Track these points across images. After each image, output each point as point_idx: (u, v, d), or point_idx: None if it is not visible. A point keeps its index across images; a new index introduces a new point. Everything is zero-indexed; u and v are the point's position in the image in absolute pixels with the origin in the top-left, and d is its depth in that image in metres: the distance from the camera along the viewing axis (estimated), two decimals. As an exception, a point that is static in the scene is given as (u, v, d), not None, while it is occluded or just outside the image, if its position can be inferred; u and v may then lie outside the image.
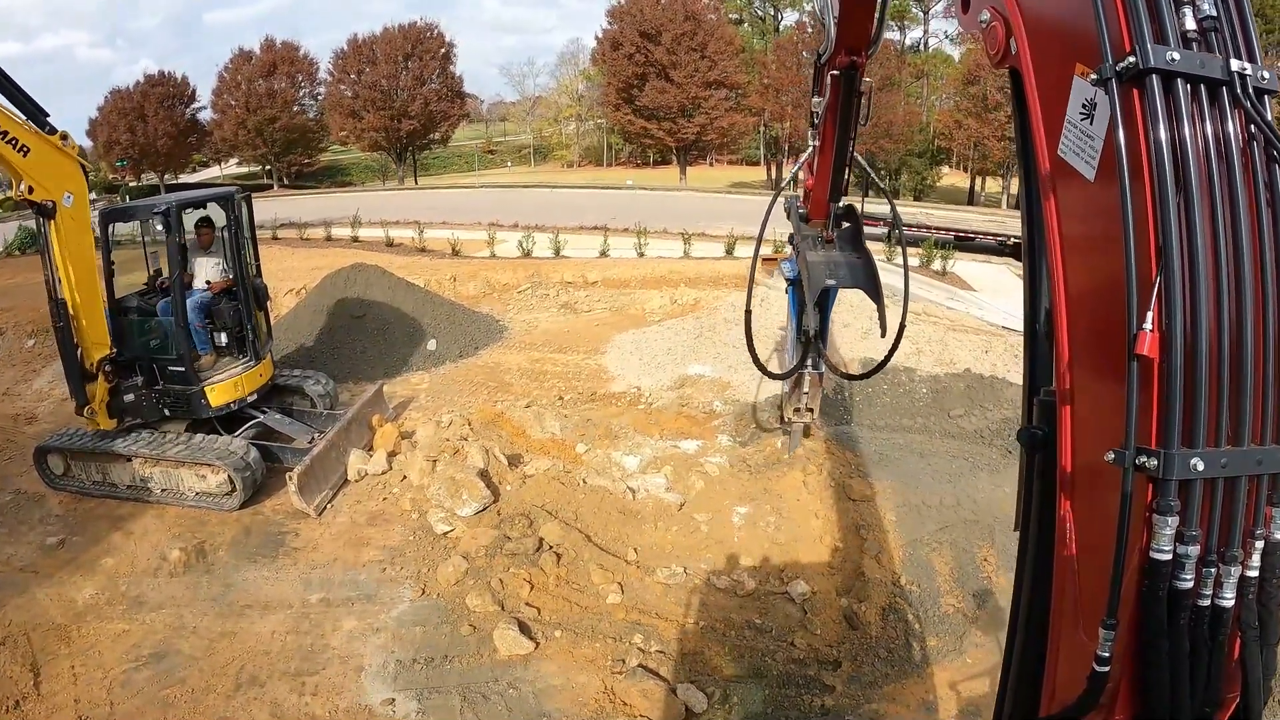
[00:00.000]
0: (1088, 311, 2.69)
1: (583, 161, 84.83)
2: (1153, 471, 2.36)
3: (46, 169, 10.38)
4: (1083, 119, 2.60)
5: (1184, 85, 2.37)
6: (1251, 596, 2.49)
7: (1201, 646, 2.48)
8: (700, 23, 59.48)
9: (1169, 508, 2.36)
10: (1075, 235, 2.74)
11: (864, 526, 10.89)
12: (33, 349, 19.34)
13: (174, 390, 12.24)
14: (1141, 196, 2.36)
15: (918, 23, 73.99)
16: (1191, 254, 2.32)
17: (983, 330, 18.64)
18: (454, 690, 8.21)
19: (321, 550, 10.66)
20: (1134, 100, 2.39)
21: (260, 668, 8.64)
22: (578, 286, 24.27)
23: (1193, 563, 2.40)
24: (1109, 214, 2.44)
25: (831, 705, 8.16)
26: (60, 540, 10.99)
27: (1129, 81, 2.39)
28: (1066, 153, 2.69)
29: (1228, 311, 2.34)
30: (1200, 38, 2.42)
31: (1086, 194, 2.64)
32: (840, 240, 7.58)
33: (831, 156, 7.02)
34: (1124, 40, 2.40)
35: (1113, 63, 2.40)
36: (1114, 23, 2.42)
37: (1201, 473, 2.35)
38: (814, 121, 7.16)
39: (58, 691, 8.33)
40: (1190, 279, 2.32)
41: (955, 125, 56.61)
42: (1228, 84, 2.40)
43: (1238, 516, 2.44)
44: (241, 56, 66.32)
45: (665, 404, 15.29)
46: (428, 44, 65.18)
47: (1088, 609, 2.71)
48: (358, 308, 18.50)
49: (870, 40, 6.12)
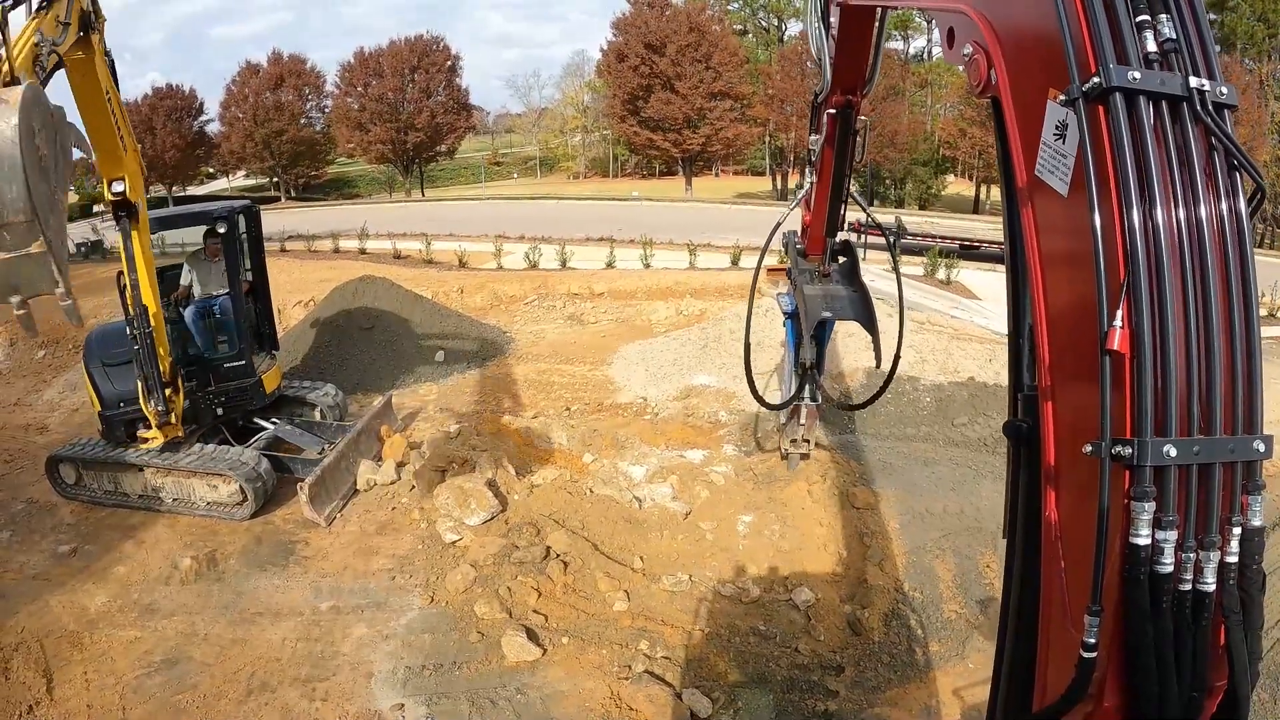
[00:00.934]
0: (1065, 316, 2.84)
1: (588, 173, 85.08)
2: (1128, 460, 2.49)
3: (136, 169, 10.41)
4: (1056, 139, 2.79)
5: (1146, 102, 2.54)
6: (1233, 582, 2.59)
7: (1185, 631, 2.57)
8: (705, 34, 59.82)
9: (1145, 494, 2.47)
10: (1051, 247, 2.91)
11: (868, 534, 10.96)
12: (43, 360, 19.53)
13: (230, 386, 12.68)
14: (1109, 204, 2.53)
15: (921, 32, 74.29)
16: (1157, 256, 2.47)
17: (987, 339, 18.70)
18: (462, 696, 8.29)
19: (331, 559, 10.77)
20: (1100, 117, 2.56)
21: (271, 674, 8.73)
22: (584, 298, 24.40)
23: (1171, 547, 2.51)
24: (1081, 225, 2.60)
25: (835, 710, 8.22)
26: (72, 549, 11.10)
27: (1095, 100, 2.56)
28: (1042, 172, 2.87)
29: (1194, 308, 2.49)
30: (1161, 58, 2.59)
31: (1060, 208, 2.81)
32: (837, 274, 7.73)
33: (828, 192, 7.16)
34: (1089, 62, 2.57)
35: (1079, 83, 2.57)
36: (1080, 46, 2.60)
37: (1174, 459, 2.47)
38: (811, 159, 7.34)
39: (70, 697, 8.43)
40: (1157, 279, 2.47)
41: (959, 134, 56.80)
42: (1188, 99, 2.57)
43: (1214, 503, 2.54)
44: (249, 70, 66.82)
45: (671, 414, 15.39)
46: (433, 57, 65.62)
47: (1074, 599, 2.81)
48: (366, 319, 18.63)
49: (865, 80, 6.26)
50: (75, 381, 16.64)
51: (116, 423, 12.01)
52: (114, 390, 11.97)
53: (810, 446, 9.07)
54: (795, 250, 8.02)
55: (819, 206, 7.39)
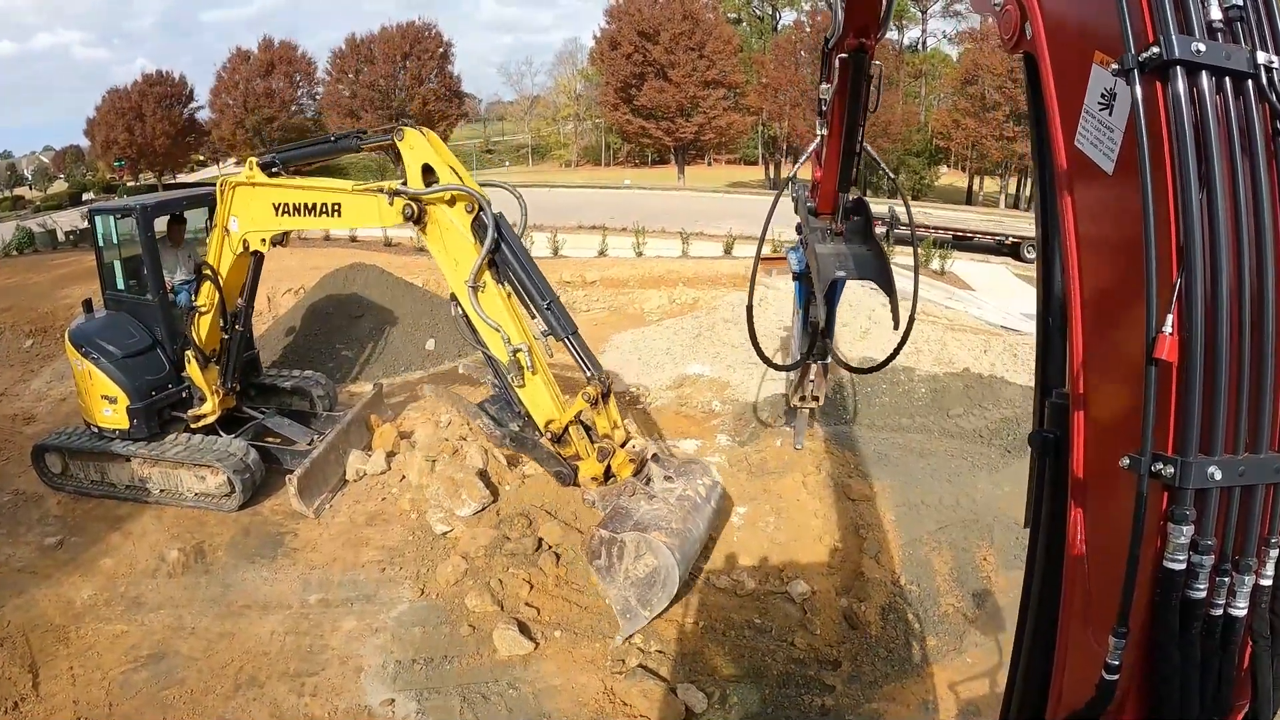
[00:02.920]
0: (1103, 312, 2.61)
1: (581, 161, 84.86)
2: (1169, 480, 2.31)
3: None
4: (1101, 109, 2.52)
5: (1209, 78, 2.29)
6: (1264, 606, 2.46)
7: (1212, 656, 2.45)
8: (698, 22, 59.59)
9: (1184, 517, 2.31)
10: (1092, 232, 2.65)
11: (863, 526, 10.89)
12: (31, 349, 19.35)
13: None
14: (1163, 193, 2.28)
15: (916, 22, 74.07)
16: (1214, 255, 2.25)
17: (981, 330, 18.66)
18: (453, 690, 8.20)
19: (320, 551, 10.65)
20: (1157, 92, 2.30)
21: (259, 668, 8.63)
22: (576, 286, 24.24)
23: (1206, 573, 2.36)
24: (1128, 210, 2.37)
25: (831, 705, 8.16)
26: (59, 541, 10.98)
27: (1152, 73, 2.30)
28: (1084, 144, 2.61)
29: (1249, 315, 2.28)
30: (1226, 28, 2.33)
31: (1104, 188, 2.56)
32: (849, 232, 7.50)
33: (840, 145, 6.91)
34: (1147, 30, 2.31)
35: (1135, 53, 2.30)
36: (1137, 11, 2.33)
37: (1219, 481, 2.30)
38: (821, 110, 7.06)
39: (56, 692, 8.31)
40: (1212, 280, 2.25)
41: (953, 125, 56.69)
42: (1254, 77, 2.32)
43: (1254, 525, 2.39)
44: (239, 56, 66.33)
45: (664, 404, 15.30)
46: (425, 43, 65.20)
47: (1097, 615, 2.67)
48: (356, 307, 18.47)
49: (880, 21, 6.05)
50: (63, 371, 16.44)
51: (152, 412, 11.96)
52: (143, 381, 11.89)
53: (819, 404, 8.95)
54: (806, 208, 7.82)
55: (830, 160, 7.14)
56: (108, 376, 11.74)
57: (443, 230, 9.21)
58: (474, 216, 9.06)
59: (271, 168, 10.53)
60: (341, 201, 9.97)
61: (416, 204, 9.13)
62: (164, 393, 12.08)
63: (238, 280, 11.55)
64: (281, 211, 10.38)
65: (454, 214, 9.11)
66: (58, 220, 36.81)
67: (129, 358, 11.84)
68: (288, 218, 10.42)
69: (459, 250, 9.13)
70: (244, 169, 10.60)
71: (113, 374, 11.73)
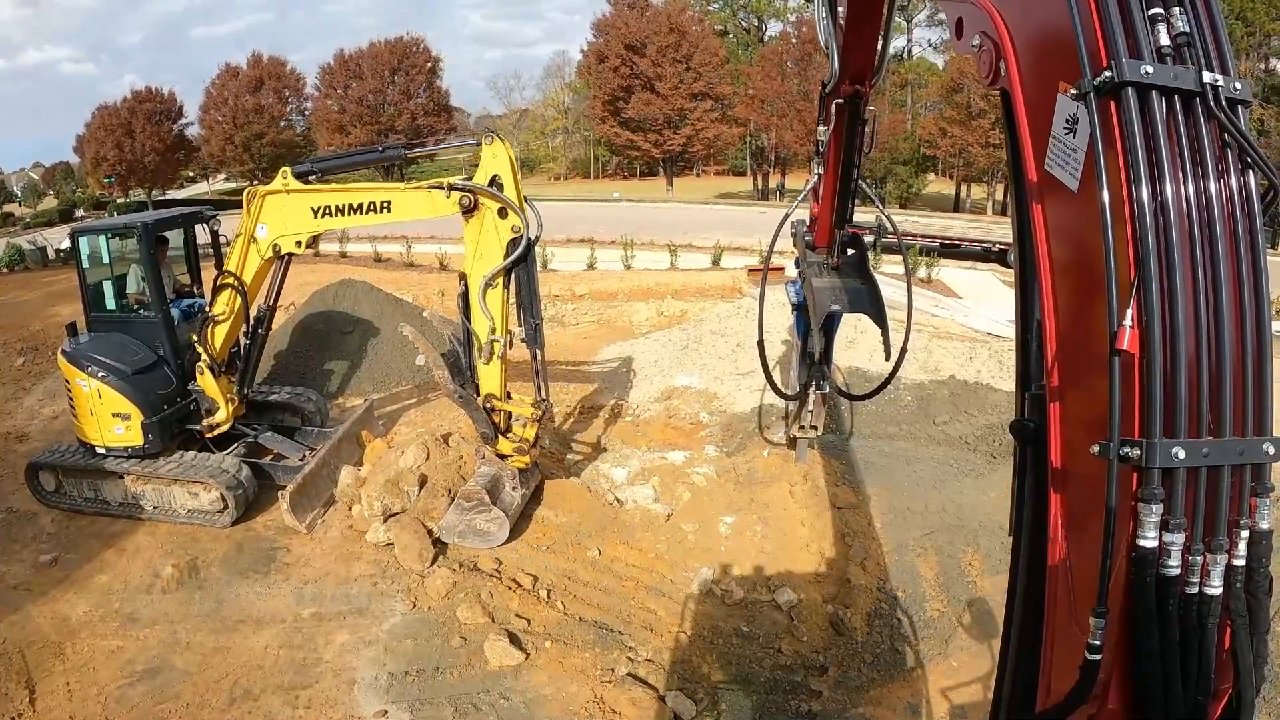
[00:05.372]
0: (1073, 313, 2.83)
1: (570, 174, 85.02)
2: (1136, 461, 2.49)
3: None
4: (1066, 133, 2.75)
5: (1159, 97, 2.52)
6: (1239, 586, 2.61)
7: (1191, 634, 2.58)
8: (685, 34, 59.96)
9: (1153, 495, 2.48)
10: (1061, 243, 2.88)
11: (850, 533, 11.01)
12: (22, 366, 19.34)
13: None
14: (1120, 200, 2.50)
15: (902, 31, 74.69)
16: (1168, 255, 2.46)
17: (967, 337, 18.83)
18: (445, 701, 8.30)
19: (313, 565, 10.73)
20: (1111, 112, 2.53)
21: (254, 682, 8.71)
22: (565, 299, 24.38)
23: (1178, 550, 2.52)
24: (1091, 222, 2.57)
25: (819, 710, 8.28)
26: (53, 558, 11.04)
27: (1106, 95, 2.53)
28: (1052, 166, 2.84)
29: (1205, 309, 2.48)
30: (1175, 52, 2.56)
31: (1070, 204, 2.78)
32: (846, 266, 7.73)
33: (836, 183, 7.15)
34: (1101, 56, 2.54)
35: (1090, 77, 2.54)
36: (1091, 40, 2.57)
37: (1183, 461, 2.48)
38: (819, 150, 7.30)
39: (53, 708, 8.39)
40: (1167, 278, 2.46)
41: (940, 133, 57.10)
42: (1201, 95, 2.54)
43: (1222, 506, 2.56)
44: (228, 72, 66.55)
45: (652, 415, 15.41)
46: (414, 58, 65.49)
47: (1080, 600, 2.82)
48: (346, 323, 18.51)
49: (874, 70, 6.25)
50: (55, 389, 16.44)
51: (165, 425, 12.06)
52: (155, 396, 11.99)
53: (818, 432, 9.18)
54: (804, 242, 8.02)
55: (827, 198, 7.38)
56: (120, 394, 11.74)
57: (484, 230, 10.18)
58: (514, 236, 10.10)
59: (309, 175, 10.99)
60: (391, 199, 10.67)
61: (473, 196, 10.02)
62: (174, 407, 12.21)
63: (258, 285, 11.84)
64: (322, 214, 10.89)
65: (500, 224, 10.11)
66: (48, 237, 36.77)
67: (138, 374, 11.93)
68: (328, 219, 10.95)
69: (489, 251, 10.21)
70: (277, 178, 11.01)
71: (126, 391, 11.76)
